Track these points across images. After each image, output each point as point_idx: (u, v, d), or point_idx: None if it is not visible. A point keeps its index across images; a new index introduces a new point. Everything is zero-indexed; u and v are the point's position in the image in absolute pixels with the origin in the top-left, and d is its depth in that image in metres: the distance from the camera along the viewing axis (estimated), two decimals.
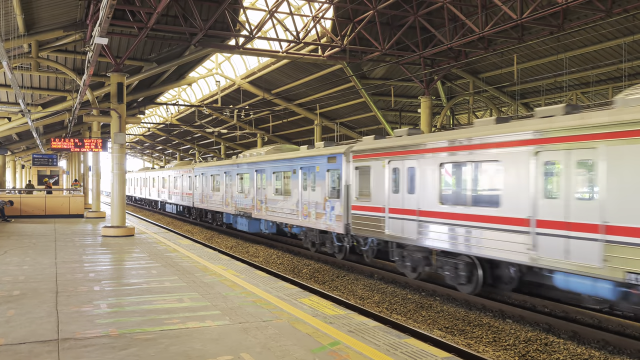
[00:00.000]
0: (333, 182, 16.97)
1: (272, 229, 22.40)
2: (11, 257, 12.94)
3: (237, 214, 25.11)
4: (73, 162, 46.69)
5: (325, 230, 17.47)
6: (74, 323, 7.06)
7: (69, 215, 25.84)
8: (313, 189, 18.07)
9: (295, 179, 19.28)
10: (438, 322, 10.87)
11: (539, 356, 8.82)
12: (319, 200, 17.56)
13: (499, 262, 11.32)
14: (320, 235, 18.24)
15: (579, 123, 9.35)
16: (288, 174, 20.04)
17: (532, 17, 15.34)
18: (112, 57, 17.72)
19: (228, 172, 26.66)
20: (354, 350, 6.07)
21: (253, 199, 23.25)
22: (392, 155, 14.04)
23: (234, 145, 54.36)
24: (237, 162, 25.55)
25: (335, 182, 16.80)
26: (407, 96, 30.69)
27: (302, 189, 18.84)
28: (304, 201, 18.60)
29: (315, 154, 17.98)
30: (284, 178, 20.46)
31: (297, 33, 20.18)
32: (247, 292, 9.13)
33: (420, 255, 13.40)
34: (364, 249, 15.83)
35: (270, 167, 21.62)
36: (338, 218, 16.35)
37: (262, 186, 22.43)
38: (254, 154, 24.92)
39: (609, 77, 23.17)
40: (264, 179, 22.25)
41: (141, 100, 30.94)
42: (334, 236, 17.15)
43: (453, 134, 12.26)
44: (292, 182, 19.63)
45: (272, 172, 21.42)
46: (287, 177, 20.19)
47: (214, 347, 6.10)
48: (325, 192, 17.20)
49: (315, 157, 17.98)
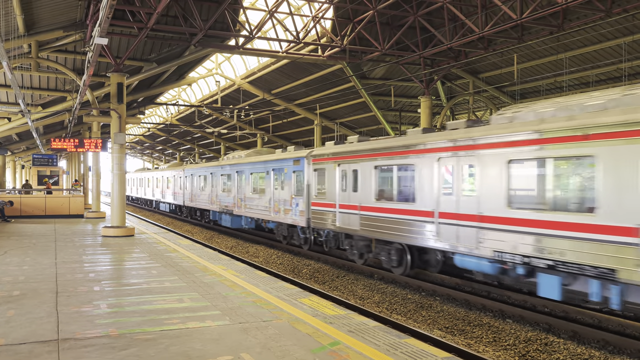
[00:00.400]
0: (297, 182, 19.37)
1: (251, 225, 24.96)
2: (11, 257, 12.94)
3: (222, 211, 27.34)
4: (73, 162, 46.71)
5: (292, 224, 19.79)
6: (74, 323, 7.06)
7: (69, 216, 25.84)
8: (282, 188, 20.50)
9: (268, 179, 21.68)
10: (438, 322, 10.87)
11: (539, 356, 8.83)
12: (287, 198, 19.95)
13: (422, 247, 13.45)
14: (288, 228, 20.68)
15: (464, 136, 11.64)
16: (262, 175, 22.49)
17: (532, 17, 15.35)
18: (112, 57, 17.72)
19: (213, 173, 28.90)
20: (354, 350, 6.07)
21: (234, 197, 25.60)
22: (341, 159, 16.47)
23: (234, 146, 54.38)
24: (221, 164, 27.91)
25: (299, 182, 19.15)
26: (407, 96, 30.69)
27: (274, 188, 21.23)
28: (275, 199, 21.06)
29: (284, 157, 20.45)
30: (260, 178, 22.93)
31: (297, 33, 20.19)
32: (247, 292, 9.13)
33: (363, 243, 15.83)
34: (322, 240, 18.20)
35: (248, 169, 24.05)
36: (301, 213, 18.75)
37: (241, 186, 24.78)
38: (235, 156, 27.30)
39: (608, 77, 23.17)
40: (243, 179, 24.64)
41: (141, 100, 30.96)
42: (299, 229, 19.73)
43: (385, 141, 14.70)
44: (266, 182, 22.04)
45: (250, 173, 23.84)
46: (262, 178, 22.66)
47: (214, 347, 6.10)
48: (292, 191, 19.62)
49: (283, 160, 20.46)
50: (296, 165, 19.31)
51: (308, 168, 18.49)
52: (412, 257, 13.99)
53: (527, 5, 18.52)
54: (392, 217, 13.90)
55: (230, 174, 26.36)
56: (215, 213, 29.00)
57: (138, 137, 65.35)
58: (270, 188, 21.47)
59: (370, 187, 14.91)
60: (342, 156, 16.40)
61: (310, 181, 18.35)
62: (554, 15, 18.70)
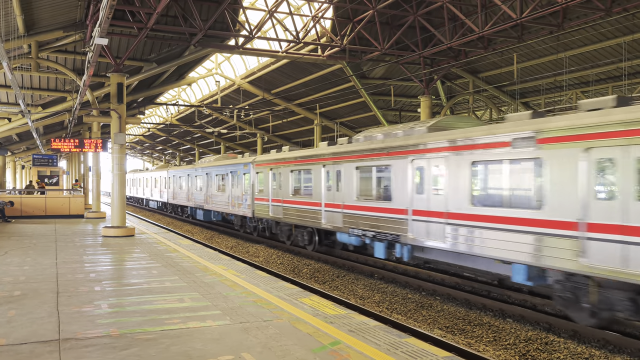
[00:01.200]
0: (246, 183, 24.11)
1: (218, 217, 29.85)
2: (12, 257, 12.95)
3: (196, 207, 32.18)
4: (73, 163, 46.71)
5: (244, 215, 24.68)
6: (75, 323, 7.07)
7: (69, 216, 25.85)
8: (237, 187, 25.25)
9: (228, 180, 26.58)
10: (438, 321, 10.88)
11: (539, 355, 8.83)
12: (240, 195, 24.84)
13: (321, 229, 18.22)
14: (242, 219, 25.95)
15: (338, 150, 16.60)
16: (224, 176, 27.33)
17: (531, 16, 15.35)
18: (112, 57, 17.73)
19: (190, 175, 33.61)
20: (355, 350, 6.08)
21: (205, 195, 30.37)
22: (273, 165, 21.31)
23: (234, 145, 54.37)
24: (195, 167, 32.74)
25: (247, 183, 23.95)
26: (406, 96, 30.69)
27: (231, 187, 25.99)
28: (232, 196, 25.83)
29: (237, 162, 25.40)
30: (222, 179, 27.71)
31: (297, 33, 20.19)
32: (248, 292, 9.14)
33: (287, 228, 20.70)
34: (263, 227, 23.43)
35: (214, 171, 28.92)
36: (249, 207, 23.69)
37: (210, 185, 29.59)
38: (206, 160, 31.64)
39: (608, 76, 23.18)
40: (211, 180, 29.47)
41: (141, 100, 30.96)
42: (248, 219, 25.00)
43: (299, 152, 19.42)
44: (226, 182, 26.90)
45: (215, 174, 28.69)
46: (223, 179, 27.44)
47: (214, 347, 6.11)
48: (243, 189, 24.40)
49: (237, 165, 25.34)
50: (245, 169, 24.25)
51: (252, 171, 23.40)
52: (319, 237, 18.69)
53: (527, 5, 18.52)
54: (303, 207, 18.72)
55: (202, 175, 30.99)
56: (191, 209, 33.92)
57: (138, 137, 65.34)
58: (229, 187, 26.31)
59: (288, 185, 19.86)
60: (274, 162, 21.18)
61: (254, 182, 23.20)
62: (554, 15, 18.70)
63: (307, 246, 19.19)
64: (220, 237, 25.94)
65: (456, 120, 13.67)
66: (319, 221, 17.52)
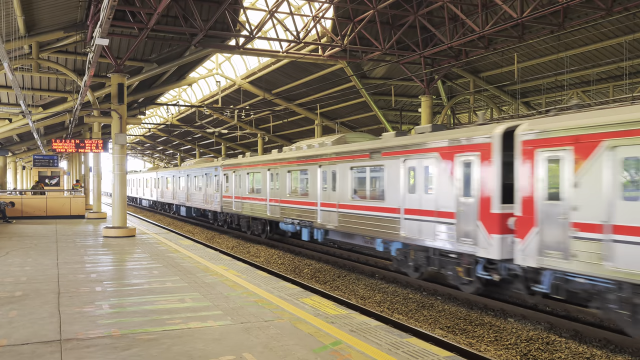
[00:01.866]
0: (217, 183, 28.73)
1: (197, 213, 34.84)
2: (13, 258, 12.95)
3: (179, 204, 37.33)
4: (74, 163, 46.73)
5: (215, 210, 29.34)
6: (76, 324, 7.07)
7: (70, 216, 25.86)
8: (210, 186, 29.97)
9: (203, 180, 31.33)
10: (440, 321, 10.88)
11: (540, 355, 8.83)
12: (212, 193, 29.53)
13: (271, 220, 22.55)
14: (214, 214, 30.53)
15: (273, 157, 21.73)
16: (200, 177, 32.06)
17: (532, 15, 15.34)
18: (112, 57, 17.73)
19: (174, 176, 38.44)
20: (356, 350, 6.08)
21: (186, 193, 35.25)
22: (234, 168, 26.24)
23: (234, 146, 54.37)
24: (179, 169, 37.64)
25: (217, 183, 28.56)
26: (407, 95, 30.68)
27: (206, 187, 30.68)
28: (207, 194, 30.63)
29: (210, 165, 30.30)
30: (199, 180, 32.36)
31: (297, 33, 20.19)
32: (249, 292, 9.14)
33: (245, 220, 25.51)
34: (230, 220, 27.95)
35: (193, 173, 33.68)
36: (218, 203, 28.43)
37: (190, 185, 34.27)
38: (187, 164, 37.08)
39: (609, 76, 23.16)
40: (191, 180, 34.11)
41: (142, 100, 30.96)
42: (218, 213, 29.52)
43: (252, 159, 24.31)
44: (202, 183, 31.58)
45: (194, 176, 33.35)
46: (200, 179, 32.04)
47: (216, 347, 6.11)
48: (214, 188, 29.11)
49: (210, 168, 30.21)
50: (216, 172, 28.92)
51: (221, 173, 28.08)
52: (270, 227, 22.92)
53: (528, 4, 18.51)
54: (254, 202, 23.31)
55: (184, 176, 35.83)
56: (176, 206, 39.04)
57: (139, 137, 65.36)
58: (204, 187, 31.03)
59: (245, 185, 24.62)
60: (235, 166, 26.21)
61: (221, 182, 27.94)
62: (555, 14, 18.69)
63: (261, 235, 23.53)
64: (221, 237, 25.95)
65: (355, 137, 18.30)
66: (266, 213, 22.15)
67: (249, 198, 23.83)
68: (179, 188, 36.80)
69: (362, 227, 15.45)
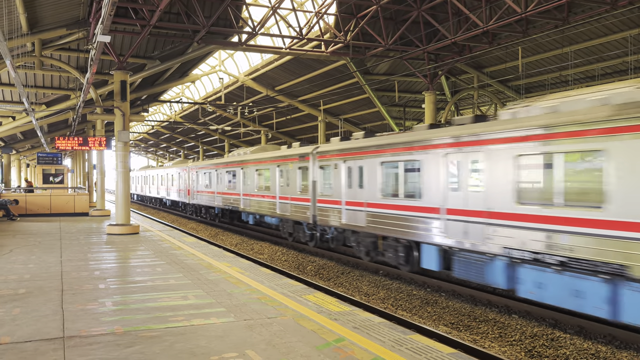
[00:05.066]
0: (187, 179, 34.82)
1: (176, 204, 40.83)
2: (17, 255, 12.98)
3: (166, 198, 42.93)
4: (78, 161, 46.81)
5: (185, 202, 35.76)
6: (79, 321, 7.07)
7: (74, 214, 25.92)
8: (182, 183, 35.80)
9: (178, 179, 37.67)
10: (443, 318, 10.84)
11: (545, 351, 8.78)
12: (184, 188, 35.38)
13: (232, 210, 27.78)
14: (184, 205, 37.34)
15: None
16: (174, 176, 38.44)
17: (536, 10, 15.24)
18: (115, 55, 17.71)
19: (159, 174, 43.68)
20: (359, 347, 6.05)
21: (166, 189, 41.64)
22: (207, 168, 30.77)
23: (237, 143, 54.37)
24: (165, 168, 42.75)
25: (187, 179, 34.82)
26: (411, 91, 30.58)
27: (179, 183, 36.87)
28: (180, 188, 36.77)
29: (183, 165, 35.87)
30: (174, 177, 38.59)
31: (300, 29, 20.12)
32: (252, 289, 9.12)
33: (216, 212, 30.34)
34: (198, 210, 33.11)
35: (171, 172, 39.97)
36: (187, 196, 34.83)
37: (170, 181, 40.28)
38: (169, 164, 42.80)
39: (614, 71, 23.01)
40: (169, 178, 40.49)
41: (145, 98, 30.93)
42: (188, 205, 35.70)
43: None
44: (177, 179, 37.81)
45: (172, 174, 39.46)
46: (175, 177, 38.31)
47: (219, 344, 6.09)
48: (186, 184, 35.24)
49: (182, 167, 35.71)
50: (184, 171, 35.50)
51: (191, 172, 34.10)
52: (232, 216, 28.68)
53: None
54: (236, 197, 26.17)
55: (165, 174, 41.49)
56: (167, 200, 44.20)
57: (142, 134, 65.45)
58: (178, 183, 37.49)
59: (224, 183, 27.88)
60: (208, 167, 30.59)
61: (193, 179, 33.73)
62: (559, 9, 18.57)
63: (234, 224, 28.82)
64: (225, 234, 25.97)
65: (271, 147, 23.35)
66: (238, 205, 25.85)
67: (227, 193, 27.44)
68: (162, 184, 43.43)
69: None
